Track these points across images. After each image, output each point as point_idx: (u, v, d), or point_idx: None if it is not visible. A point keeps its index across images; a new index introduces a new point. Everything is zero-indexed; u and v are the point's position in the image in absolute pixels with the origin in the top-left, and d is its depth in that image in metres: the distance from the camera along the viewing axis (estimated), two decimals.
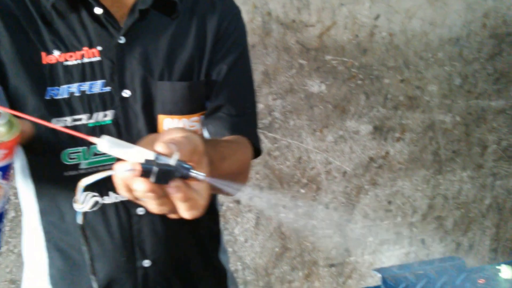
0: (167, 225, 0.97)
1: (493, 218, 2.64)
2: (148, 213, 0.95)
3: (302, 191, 2.26)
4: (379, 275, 1.10)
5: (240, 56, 1.02)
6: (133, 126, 0.92)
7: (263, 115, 2.08)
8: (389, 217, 2.44)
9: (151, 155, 0.54)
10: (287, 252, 2.31)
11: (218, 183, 0.60)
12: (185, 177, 0.55)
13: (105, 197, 0.92)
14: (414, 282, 1.11)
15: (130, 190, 0.57)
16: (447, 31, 2.26)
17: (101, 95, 0.89)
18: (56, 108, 0.88)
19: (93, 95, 0.89)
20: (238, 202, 2.16)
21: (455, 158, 2.47)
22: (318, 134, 2.20)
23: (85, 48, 0.87)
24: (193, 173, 0.55)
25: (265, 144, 2.11)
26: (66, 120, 0.89)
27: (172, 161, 0.53)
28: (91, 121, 0.89)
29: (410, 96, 2.29)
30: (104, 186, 0.91)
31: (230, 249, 2.22)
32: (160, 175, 0.53)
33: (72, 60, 0.87)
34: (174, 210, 0.58)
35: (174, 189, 0.54)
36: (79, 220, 0.61)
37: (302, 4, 1.99)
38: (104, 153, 0.89)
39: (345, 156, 2.28)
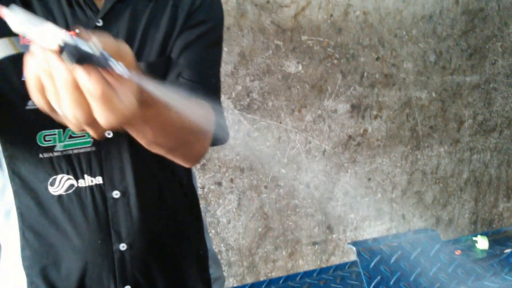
0: (143, 208, 0.97)
1: (471, 191, 2.69)
2: (123, 196, 0.95)
3: (283, 171, 2.28)
4: (354, 248, 1.12)
5: (208, 36, 1.00)
6: None
7: (241, 96, 2.09)
8: (369, 193, 2.47)
9: (67, 36, 0.46)
10: (270, 232, 2.34)
11: (134, 78, 0.52)
12: (103, 66, 0.47)
13: (80, 180, 0.92)
14: (389, 254, 1.11)
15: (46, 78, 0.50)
16: (420, 8, 2.28)
17: None
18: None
19: None
20: (219, 184, 2.18)
21: (432, 134, 2.51)
22: (296, 114, 2.22)
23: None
24: (113, 64, 0.48)
25: (245, 125, 2.12)
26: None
27: (91, 47, 0.47)
28: None
29: (386, 74, 2.31)
30: (80, 169, 0.92)
31: (213, 231, 2.24)
32: (77, 53, 0.45)
33: None
34: (89, 114, 0.51)
35: (87, 76, 0.47)
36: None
37: None
38: (80, 136, 0.90)
39: (324, 135, 2.30)
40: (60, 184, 0.93)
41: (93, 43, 0.47)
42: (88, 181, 0.93)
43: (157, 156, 0.90)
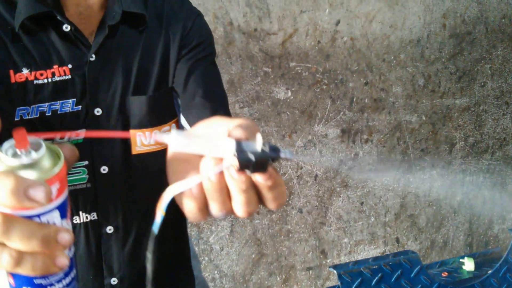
0: (134, 242, 0.98)
1: (465, 214, 2.68)
2: (116, 231, 0.96)
3: None
4: (335, 272, 1.13)
5: (207, 54, 1.01)
6: (105, 144, 0.92)
7: None
8: (362, 218, 2.47)
9: (231, 143, 0.45)
10: (264, 258, 2.33)
11: (298, 158, 0.52)
12: (274, 160, 0.46)
13: (75, 217, 0.93)
14: (370, 276, 1.12)
15: (223, 193, 0.48)
16: (408, 33, 2.31)
17: (72, 114, 0.88)
18: (28, 128, 0.85)
19: (64, 114, 0.87)
20: None
21: (423, 157, 2.51)
22: (287, 140, 2.23)
23: (56, 66, 0.86)
24: (283, 153, 0.47)
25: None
26: None
27: (258, 145, 0.45)
28: (63, 140, 0.88)
29: (375, 98, 2.33)
30: (75, 206, 0.92)
31: (206, 258, 2.23)
32: (258, 163, 0.44)
33: (43, 78, 0.85)
34: (257, 205, 0.50)
35: (267, 176, 0.46)
36: (156, 229, 0.50)
37: (262, 13, 2.03)
38: (76, 172, 0.90)
39: (315, 160, 2.31)
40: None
41: (258, 141, 0.46)
42: (83, 217, 0.93)
43: (148, 192, 0.91)
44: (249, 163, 0.44)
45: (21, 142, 0.42)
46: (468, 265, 1.40)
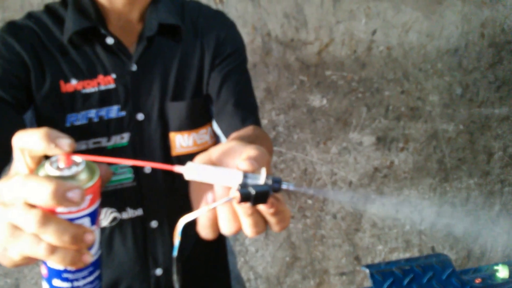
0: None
1: (503, 224, 2.64)
2: (160, 225, 1.04)
3: (310, 201, 2.33)
4: (367, 271, 1.16)
5: (239, 63, 1.08)
6: (147, 146, 1.00)
7: (267, 130, 2.17)
8: (397, 225, 2.48)
9: (239, 176, 0.51)
10: (298, 262, 2.38)
11: (300, 190, 0.59)
12: (276, 192, 0.52)
13: (123, 213, 1.01)
14: (401, 277, 1.15)
15: (231, 214, 0.53)
16: (445, 43, 2.32)
17: (117, 119, 0.97)
18: (77, 133, 0.94)
19: (110, 120, 0.96)
20: None
21: (460, 166, 2.50)
22: (322, 147, 2.28)
23: (100, 76, 0.95)
24: (285, 185, 0.53)
25: (272, 158, 2.20)
26: (87, 143, 0.96)
27: (262, 179, 0.52)
28: (110, 143, 0.97)
29: (411, 107, 2.35)
30: (123, 203, 1.01)
31: (242, 259, 2.30)
32: (258, 196, 0.50)
33: (89, 88, 0.94)
34: (264, 227, 0.55)
35: (269, 205, 0.52)
36: (175, 252, 0.56)
37: (299, 24, 2.10)
38: (123, 172, 1.00)
39: (350, 167, 2.35)
40: (105, 217, 1.01)
41: (262, 174, 0.52)
42: (130, 213, 1.01)
43: (188, 189, 1.00)
44: (249, 197, 0.50)
45: (66, 158, 0.49)
46: (503, 272, 1.41)
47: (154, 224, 1.04)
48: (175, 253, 0.56)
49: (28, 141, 0.49)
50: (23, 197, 0.46)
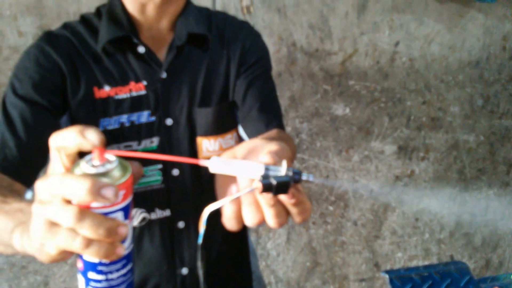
0: (203, 235, 1.11)
1: None
2: (187, 226, 1.08)
3: (331, 208, 2.38)
4: (387, 276, 1.19)
5: (264, 71, 1.13)
6: (175, 150, 1.04)
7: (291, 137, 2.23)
8: (417, 233, 2.52)
9: (261, 168, 0.54)
10: (318, 267, 2.43)
11: (319, 181, 0.61)
12: (296, 182, 0.55)
13: (152, 214, 1.06)
14: (420, 283, 1.17)
15: (254, 205, 0.56)
16: (467, 55, 2.36)
17: (147, 124, 1.02)
18: (109, 137, 0.99)
19: (140, 124, 1.01)
20: None
21: (480, 176, 2.53)
22: (344, 155, 2.33)
23: (132, 83, 1.00)
24: (305, 176, 0.56)
25: (294, 164, 2.25)
26: (119, 147, 1.01)
27: (283, 170, 0.54)
28: (140, 147, 1.02)
29: (432, 117, 2.39)
30: (152, 204, 1.05)
31: (263, 263, 2.36)
32: (279, 186, 0.53)
33: (122, 94, 0.99)
34: (286, 218, 0.57)
35: (290, 196, 0.54)
36: (200, 240, 0.60)
37: (324, 35, 2.15)
38: (152, 175, 1.05)
39: (371, 175, 2.39)
40: (136, 217, 1.05)
41: (283, 166, 0.54)
42: (158, 214, 1.06)
43: (214, 192, 1.05)
44: (271, 187, 0.52)
45: (100, 157, 0.53)
46: None
47: (181, 224, 1.08)
48: (200, 240, 0.59)
49: (63, 139, 0.54)
50: (60, 194, 0.49)
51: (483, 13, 2.33)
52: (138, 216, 1.06)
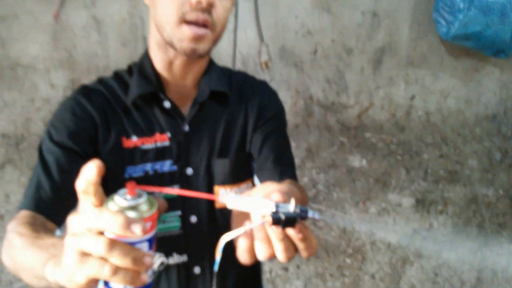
0: (218, 282, 1.13)
1: None
2: (203, 272, 1.12)
3: (348, 260, 2.36)
4: None
5: (279, 126, 1.19)
6: (194, 198, 1.08)
7: (307, 188, 2.25)
8: None
9: (271, 205, 0.59)
10: None
11: (327, 220, 0.71)
12: (303, 219, 0.60)
13: (170, 258, 1.10)
14: None
15: (265, 239, 0.61)
16: (483, 109, 2.38)
17: (169, 173, 1.08)
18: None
19: (163, 173, 1.07)
20: (286, 269, 2.30)
21: (501, 231, 2.49)
22: (361, 206, 2.34)
23: (157, 134, 1.07)
24: (310, 213, 0.60)
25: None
26: None
27: (291, 207, 0.59)
28: (162, 194, 1.05)
29: (450, 171, 2.39)
30: (170, 248, 1.10)
31: None
32: (288, 220, 0.58)
33: (148, 144, 1.06)
34: (294, 252, 0.61)
35: (298, 230, 0.59)
36: (216, 267, 0.65)
37: (340, 88, 2.21)
38: (171, 221, 1.10)
39: (389, 228, 2.38)
40: (154, 262, 1.10)
41: (291, 203, 0.60)
42: (176, 258, 1.09)
43: (230, 240, 1.08)
44: (280, 221, 0.58)
45: (131, 191, 0.60)
46: None
47: (197, 270, 1.11)
48: (216, 268, 0.65)
49: (84, 174, 0.60)
50: (95, 227, 0.56)
51: (498, 68, 2.37)
52: (157, 260, 1.10)
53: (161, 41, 1.04)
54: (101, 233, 0.57)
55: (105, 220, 0.55)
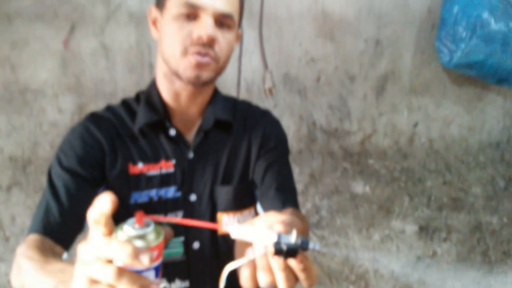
0: None
1: None
2: None
3: (351, 287, 2.35)
4: None
5: (282, 154, 1.21)
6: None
7: (310, 213, 2.26)
8: None
9: (274, 235, 0.61)
10: None
11: (328, 251, 0.70)
12: (304, 249, 0.61)
13: (172, 284, 1.11)
14: None
15: (267, 268, 0.62)
16: (487, 136, 2.39)
17: (173, 199, 1.09)
18: (138, 210, 1.07)
19: (167, 199, 1.09)
20: None
21: (505, 260, 2.47)
22: (364, 233, 2.33)
23: (163, 161, 1.09)
24: (311, 245, 0.62)
25: (313, 240, 2.26)
26: None
27: (293, 238, 0.61)
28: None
29: (454, 198, 2.39)
30: (173, 274, 1.11)
31: None
32: (289, 251, 0.60)
33: (153, 170, 1.08)
34: (295, 282, 0.63)
35: (299, 261, 0.60)
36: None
37: (343, 115, 2.24)
38: (174, 247, 1.11)
39: (392, 255, 2.37)
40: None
41: (293, 234, 0.61)
42: (178, 284, 1.11)
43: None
44: (281, 251, 0.60)
45: (139, 220, 0.62)
46: None
47: None
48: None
49: (97, 204, 0.62)
50: (104, 256, 0.58)
51: (502, 95, 2.38)
52: (160, 286, 1.11)
53: (167, 72, 1.07)
54: (110, 261, 0.59)
55: (114, 250, 0.57)
